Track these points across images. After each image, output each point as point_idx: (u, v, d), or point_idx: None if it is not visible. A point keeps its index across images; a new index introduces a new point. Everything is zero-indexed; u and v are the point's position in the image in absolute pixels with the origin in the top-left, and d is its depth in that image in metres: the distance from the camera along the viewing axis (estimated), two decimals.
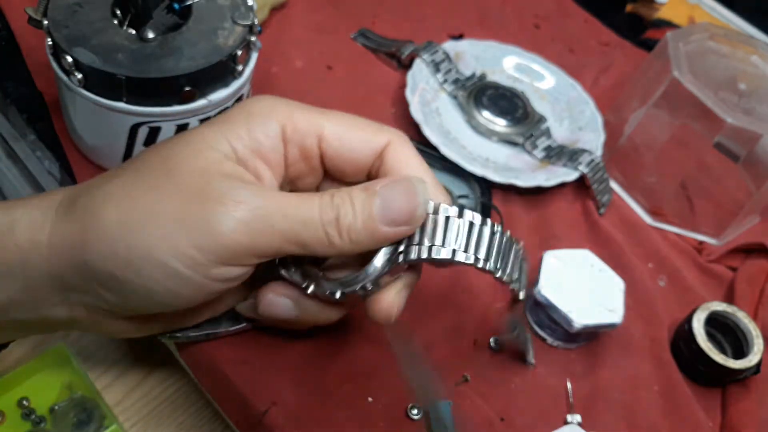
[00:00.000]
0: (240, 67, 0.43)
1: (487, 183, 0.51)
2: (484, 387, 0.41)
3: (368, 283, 0.33)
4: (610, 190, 0.54)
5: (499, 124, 0.55)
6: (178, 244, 0.29)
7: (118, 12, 0.43)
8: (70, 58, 0.39)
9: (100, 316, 0.33)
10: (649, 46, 0.68)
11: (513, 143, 0.55)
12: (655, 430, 0.42)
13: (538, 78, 0.61)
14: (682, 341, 0.45)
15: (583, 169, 0.52)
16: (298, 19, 0.60)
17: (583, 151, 0.53)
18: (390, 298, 0.33)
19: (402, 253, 0.32)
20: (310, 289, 0.34)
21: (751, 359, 0.44)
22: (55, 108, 0.47)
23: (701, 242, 0.54)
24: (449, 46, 0.59)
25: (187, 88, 0.41)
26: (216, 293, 0.32)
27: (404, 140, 0.34)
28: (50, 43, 0.41)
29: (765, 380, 0.45)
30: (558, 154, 0.54)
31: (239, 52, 0.42)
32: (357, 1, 0.65)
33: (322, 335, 0.40)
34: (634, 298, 0.47)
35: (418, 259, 0.32)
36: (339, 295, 0.33)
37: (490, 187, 0.51)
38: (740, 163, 0.51)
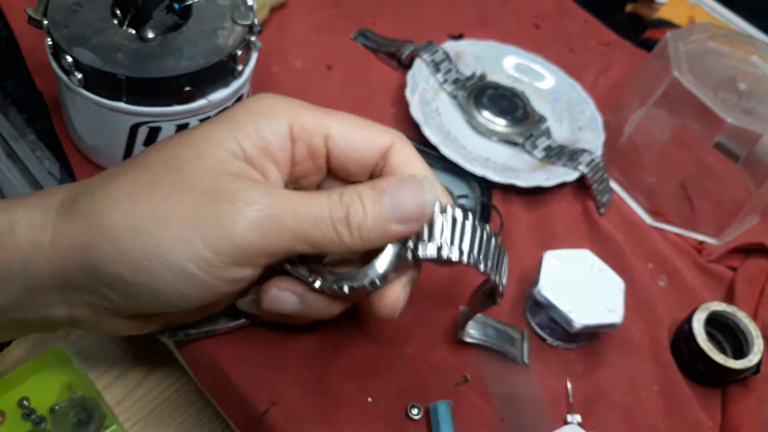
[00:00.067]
0: (240, 67, 0.43)
1: (487, 183, 0.51)
2: (484, 387, 0.41)
3: (376, 279, 0.33)
4: (610, 190, 0.54)
5: (499, 124, 0.55)
6: (191, 245, 0.29)
7: (118, 12, 0.43)
8: (70, 58, 0.39)
9: (102, 315, 0.33)
10: (649, 46, 0.68)
11: (513, 143, 0.55)
12: (655, 430, 0.42)
13: (538, 78, 0.61)
14: (682, 341, 0.45)
15: (583, 169, 0.52)
16: (298, 19, 0.60)
17: (583, 151, 0.53)
18: (396, 294, 0.34)
19: (410, 250, 0.32)
20: (317, 283, 0.34)
21: (751, 359, 0.44)
22: (55, 108, 0.47)
23: (701, 242, 0.54)
24: (449, 46, 0.59)
25: (187, 88, 0.41)
26: (224, 294, 0.32)
27: (406, 142, 0.35)
28: (50, 43, 0.41)
29: (765, 380, 0.45)
30: (558, 154, 0.54)
31: (239, 52, 0.42)
32: (357, 1, 0.65)
33: (322, 335, 0.40)
34: (634, 298, 0.47)
35: (426, 258, 0.32)
36: (347, 290, 0.33)
37: (490, 187, 0.51)
38: (740, 163, 0.51)
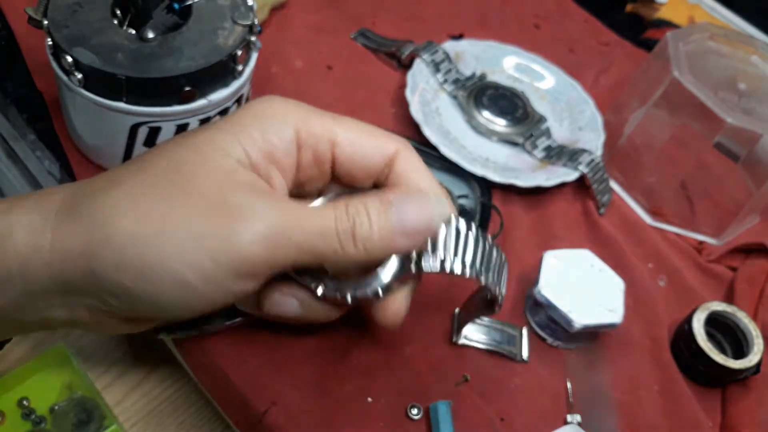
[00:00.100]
0: (240, 67, 0.43)
1: (487, 183, 0.51)
2: (484, 387, 0.41)
3: (380, 289, 0.33)
4: (610, 190, 0.54)
5: (499, 124, 0.55)
6: (196, 257, 0.29)
7: (118, 12, 0.43)
8: (70, 58, 0.39)
9: (102, 317, 0.33)
10: (649, 46, 0.68)
11: (513, 143, 0.55)
12: (655, 430, 0.42)
13: (538, 78, 0.61)
14: (682, 341, 0.45)
15: (583, 169, 0.52)
16: (298, 19, 0.60)
17: (583, 151, 0.53)
18: (398, 304, 0.34)
19: (414, 263, 0.33)
20: (319, 290, 0.34)
21: (751, 359, 0.44)
22: (55, 108, 0.47)
23: (701, 242, 0.54)
24: (449, 46, 0.59)
25: (187, 88, 0.41)
26: (227, 304, 0.32)
27: (411, 150, 0.35)
28: (50, 43, 0.41)
29: (765, 380, 0.45)
30: (558, 154, 0.54)
31: (239, 52, 0.42)
32: (357, 1, 0.65)
33: (322, 335, 0.40)
34: (634, 298, 0.47)
35: (429, 271, 0.33)
36: (350, 299, 0.34)
37: (490, 187, 0.51)
38: (740, 163, 0.51)
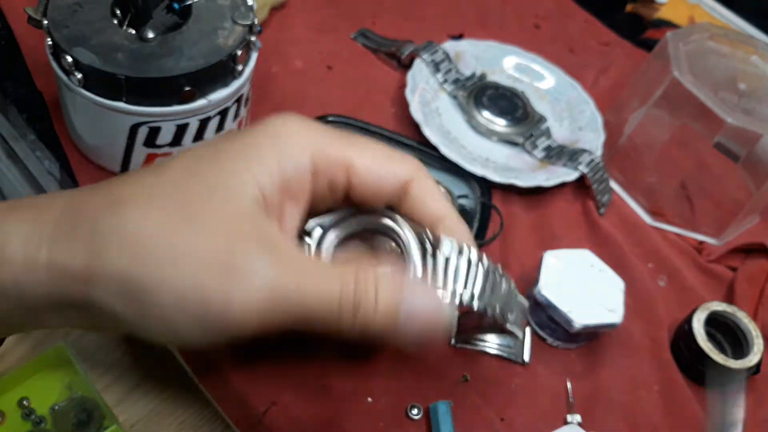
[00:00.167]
0: (240, 67, 0.43)
1: (487, 183, 0.51)
2: (484, 387, 0.41)
3: None
4: (610, 190, 0.54)
5: (499, 124, 0.55)
6: (190, 310, 0.29)
7: (118, 12, 0.43)
8: (70, 58, 0.39)
9: (98, 327, 0.33)
10: (649, 46, 0.68)
11: (513, 143, 0.55)
12: (655, 430, 0.42)
13: (538, 78, 0.61)
14: (682, 341, 0.45)
15: (583, 169, 0.52)
16: (298, 19, 0.60)
17: (583, 151, 0.53)
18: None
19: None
20: None
21: (751, 359, 0.44)
22: (55, 108, 0.47)
23: (701, 242, 0.54)
24: (449, 46, 0.59)
25: (187, 88, 0.41)
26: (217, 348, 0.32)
27: (426, 173, 0.34)
28: (50, 43, 0.41)
29: (765, 380, 0.45)
30: (558, 154, 0.54)
31: (239, 52, 0.42)
32: (357, 1, 0.65)
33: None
34: (634, 298, 0.47)
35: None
36: None
37: (490, 187, 0.51)
38: (740, 163, 0.51)
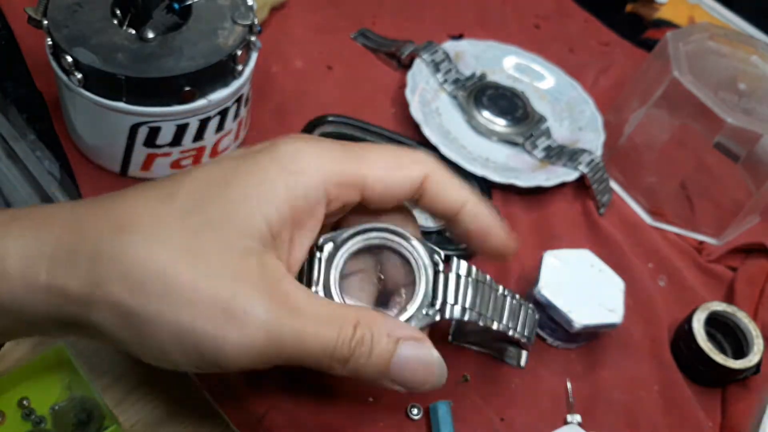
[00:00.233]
0: (240, 67, 0.43)
1: (487, 183, 0.51)
2: (484, 387, 0.41)
3: None
4: (610, 190, 0.54)
5: (499, 124, 0.55)
6: (187, 348, 0.29)
7: (118, 12, 0.43)
8: (70, 58, 0.39)
9: (99, 341, 0.33)
10: (649, 46, 0.67)
11: (513, 143, 0.55)
12: (655, 430, 0.42)
13: (538, 78, 0.61)
14: (682, 341, 0.45)
15: (583, 169, 0.52)
16: (298, 19, 0.60)
17: (583, 151, 0.53)
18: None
19: (438, 312, 0.33)
20: None
21: (751, 359, 0.44)
22: (55, 108, 0.47)
23: (701, 242, 0.54)
24: (449, 46, 0.59)
25: (187, 88, 0.41)
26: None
27: (440, 169, 0.34)
28: (50, 43, 0.41)
29: (765, 380, 0.45)
30: (558, 154, 0.54)
31: (239, 52, 0.42)
32: (357, 1, 0.65)
33: None
34: (634, 298, 0.47)
35: (452, 319, 0.33)
36: None
37: (490, 187, 0.51)
38: (740, 163, 0.51)
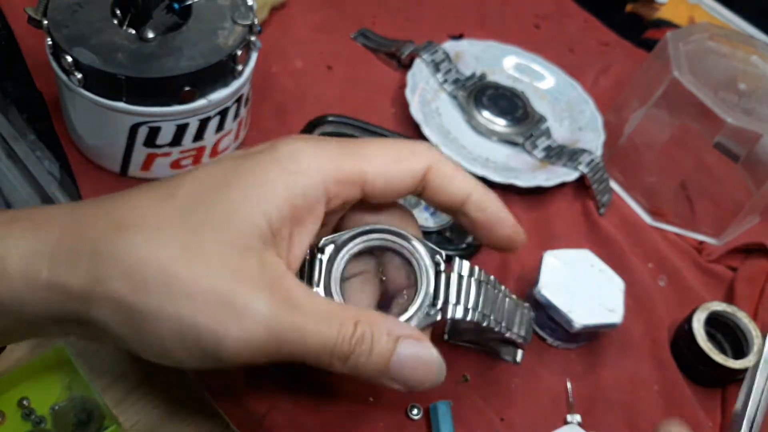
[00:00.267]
0: (240, 67, 0.43)
1: (487, 183, 0.51)
2: (484, 387, 0.41)
3: None
4: (610, 190, 0.54)
5: (499, 124, 0.55)
6: (188, 343, 0.29)
7: (118, 12, 0.43)
8: (70, 58, 0.39)
9: (99, 340, 0.33)
10: (649, 46, 0.67)
11: (513, 143, 0.55)
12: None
13: (538, 78, 0.61)
14: (682, 341, 0.45)
15: (583, 169, 0.52)
16: (298, 19, 0.60)
17: (583, 151, 0.53)
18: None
19: (440, 312, 0.33)
20: None
21: (751, 359, 0.44)
22: (55, 108, 0.47)
23: (701, 242, 0.54)
24: (449, 46, 0.59)
25: (187, 88, 0.41)
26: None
27: (443, 160, 0.34)
28: (50, 43, 0.41)
29: None
30: (558, 154, 0.54)
31: (239, 52, 0.42)
32: (357, 1, 0.65)
33: None
34: (634, 298, 0.47)
35: (454, 318, 0.33)
36: None
37: (490, 187, 0.51)
38: (740, 163, 0.51)
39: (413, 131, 0.53)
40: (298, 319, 0.29)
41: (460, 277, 0.33)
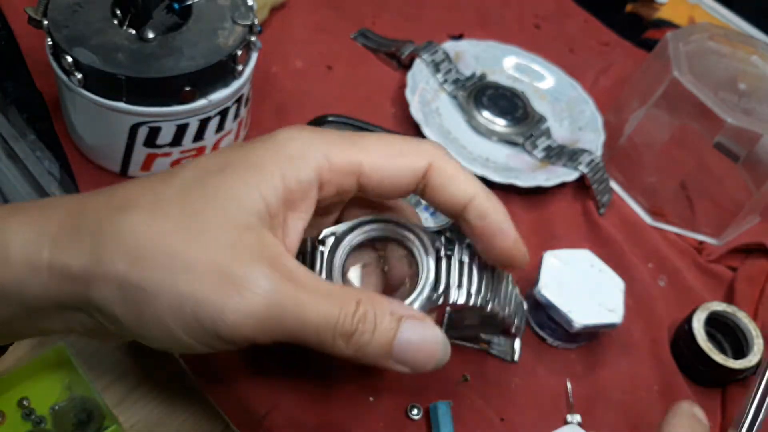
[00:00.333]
0: (240, 67, 0.43)
1: (487, 183, 0.51)
2: (484, 387, 0.41)
3: None
4: (610, 190, 0.54)
5: (499, 124, 0.55)
6: (186, 318, 0.29)
7: (118, 12, 0.43)
8: (70, 58, 0.39)
9: (98, 331, 0.33)
10: (649, 46, 0.67)
11: (513, 143, 0.55)
12: (655, 430, 0.42)
13: (538, 78, 0.61)
14: (682, 341, 0.45)
15: (583, 169, 0.52)
16: (298, 19, 0.60)
17: (583, 151, 0.53)
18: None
19: (441, 297, 0.33)
20: None
21: (751, 359, 0.44)
22: (55, 108, 0.47)
23: (701, 242, 0.54)
24: (449, 46, 0.59)
25: (187, 88, 0.41)
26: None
27: (445, 158, 0.33)
28: (50, 43, 0.41)
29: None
30: (558, 154, 0.54)
31: (239, 52, 0.42)
32: (357, 1, 0.65)
33: None
34: (634, 298, 0.47)
35: (456, 305, 0.33)
36: None
37: (490, 187, 0.51)
38: (740, 163, 0.51)
39: (413, 131, 0.53)
40: (300, 294, 0.29)
41: (461, 262, 0.33)
